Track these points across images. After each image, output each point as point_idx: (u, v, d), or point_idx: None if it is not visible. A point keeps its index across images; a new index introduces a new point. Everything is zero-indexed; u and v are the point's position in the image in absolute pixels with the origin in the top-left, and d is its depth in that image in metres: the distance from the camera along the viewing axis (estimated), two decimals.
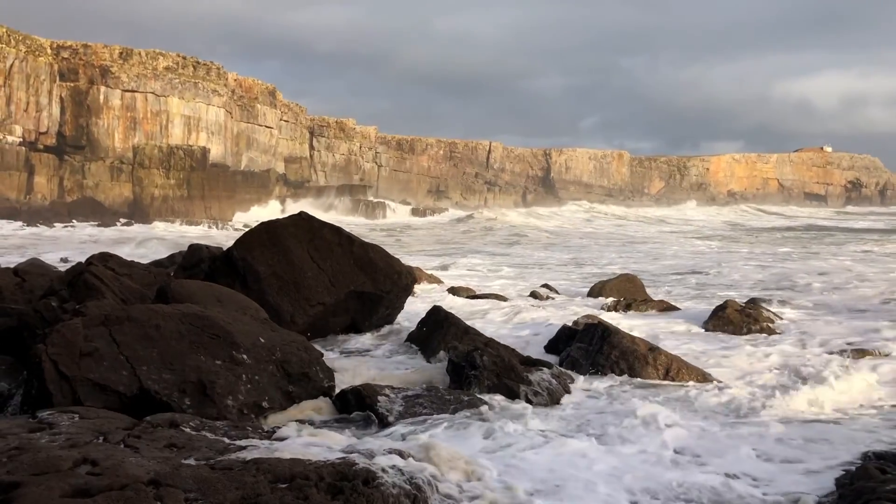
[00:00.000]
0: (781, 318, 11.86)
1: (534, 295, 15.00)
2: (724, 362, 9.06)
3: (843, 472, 5.17)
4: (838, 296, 15.70)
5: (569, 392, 7.65)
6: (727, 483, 5.05)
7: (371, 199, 72.52)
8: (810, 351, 9.65)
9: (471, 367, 7.58)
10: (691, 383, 8.02)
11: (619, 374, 8.29)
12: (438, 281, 16.70)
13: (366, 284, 10.18)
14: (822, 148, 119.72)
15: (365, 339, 10.26)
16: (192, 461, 4.30)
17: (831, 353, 9.38)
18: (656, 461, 5.53)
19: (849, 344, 9.80)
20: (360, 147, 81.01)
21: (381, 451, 4.72)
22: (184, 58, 54.73)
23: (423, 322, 9.72)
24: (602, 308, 13.29)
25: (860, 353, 9.29)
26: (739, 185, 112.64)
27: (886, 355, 9.28)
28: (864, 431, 6.41)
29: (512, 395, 7.29)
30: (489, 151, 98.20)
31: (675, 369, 8.30)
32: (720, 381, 8.13)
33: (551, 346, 9.75)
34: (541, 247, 37.05)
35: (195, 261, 10.97)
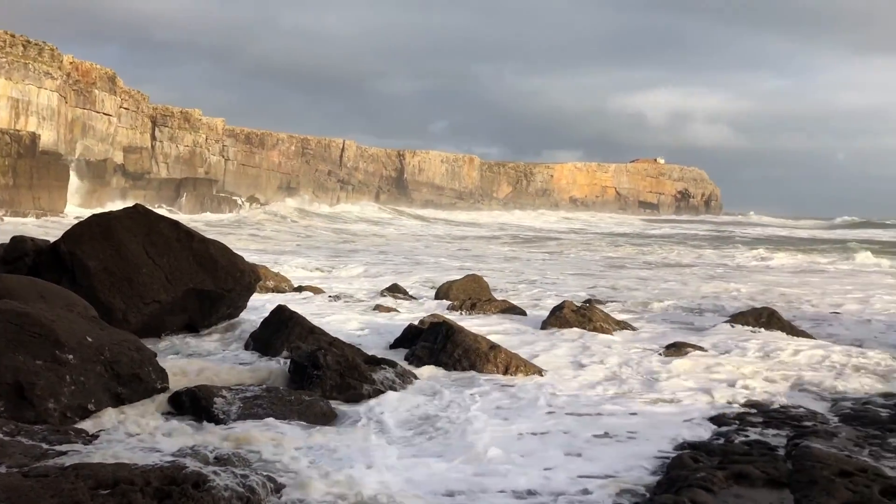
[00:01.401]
0: (615, 318, 12.58)
1: (384, 295, 15.06)
2: (558, 359, 9.50)
3: (661, 462, 5.54)
4: (664, 300, 16.86)
5: (417, 388, 7.77)
6: (546, 476, 5.27)
7: (217, 193, 70.02)
8: (636, 346, 10.34)
9: (314, 367, 7.50)
10: (526, 377, 8.36)
11: (462, 371, 8.50)
12: (285, 280, 16.39)
13: (206, 282, 9.83)
14: (655, 159, 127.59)
15: (204, 339, 9.90)
16: (2, 469, 4.00)
17: (655, 349, 10.06)
18: (476, 460, 5.59)
19: (670, 342, 10.53)
20: (206, 139, 77.84)
21: (214, 454, 4.58)
22: (12, 35, 50.49)
23: (266, 321, 9.50)
24: (448, 308, 13.54)
25: (678, 349, 10.00)
26: (581, 192, 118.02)
27: (702, 349, 10.06)
28: (682, 422, 6.89)
29: (356, 394, 7.30)
30: (343, 150, 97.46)
31: (514, 366, 8.61)
32: (553, 375, 8.54)
33: (397, 345, 9.84)
34: (391, 249, 37.23)
35: (18, 254, 10.16)
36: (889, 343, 12.47)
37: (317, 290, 15.18)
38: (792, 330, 12.36)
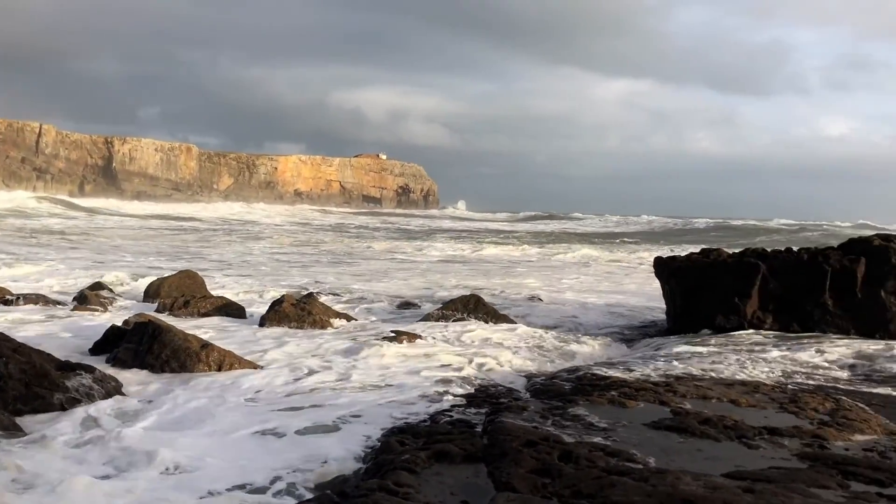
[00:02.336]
0: (335, 310, 12.72)
1: (84, 294, 13.77)
2: (276, 353, 9.40)
3: (371, 448, 5.70)
4: (381, 291, 17.41)
5: (120, 394, 7.22)
6: (246, 469, 5.19)
7: None
8: (354, 336, 10.56)
9: None
10: (242, 373, 8.16)
11: (171, 373, 8.07)
12: None
13: None
14: (378, 155, 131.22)
15: None
16: None
17: (372, 338, 10.34)
18: (160, 466, 5.27)
19: (386, 331, 10.89)
20: None
21: None
22: None
23: None
24: (159, 307, 12.78)
25: (394, 337, 10.38)
26: (306, 185, 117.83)
27: (418, 337, 10.53)
28: (395, 408, 7.13)
29: (45, 404, 6.60)
30: (39, 134, 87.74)
31: (229, 363, 8.36)
32: (270, 370, 8.42)
33: (98, 349, 9.09)
34: (93, 244, 34.28)
35: None
36: (574, 325, 14.02)
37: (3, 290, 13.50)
38: (496, 315, 13.40)
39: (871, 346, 11.51)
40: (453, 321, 12.69)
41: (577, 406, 6.35)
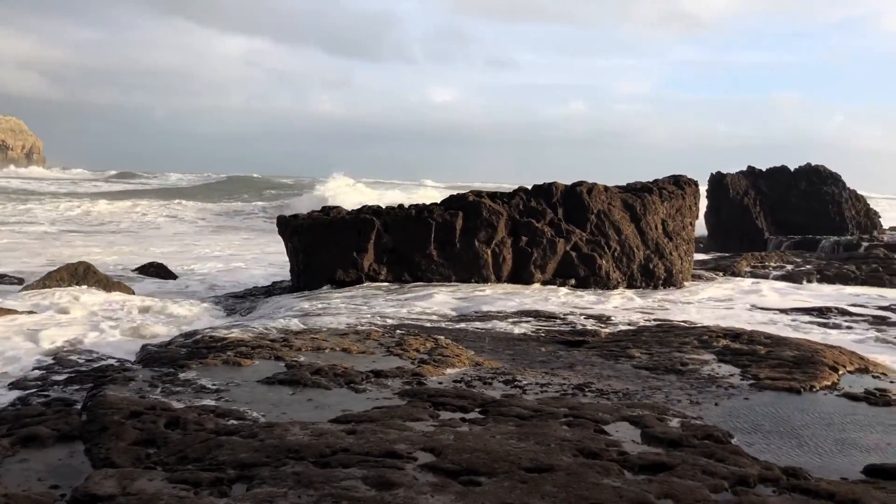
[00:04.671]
0: None
1: None
2: None
3: None
4: None
5: None
6: None
7: None
8: None
9: None
10: None
11: None
12: None
13: None
14: None
15: None
16: None
17: None
18: None
19: None
20: None
21: None
22: None
23: None
24: None
25: None
26: None
27: (16, 312, 9.32)
28: None
29: None
30: None
31: None
32: None
33: None
34: None
35: None
36: (192, 291, 13.60)
37: None
38: (108, 283, 12.41)
39: (468, 289, 12.97)
40: (59, 292, 11.47)
41: (190, 370, 6.15)
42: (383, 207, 14.62)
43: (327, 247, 13.48)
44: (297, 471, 3.77)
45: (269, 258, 18.53)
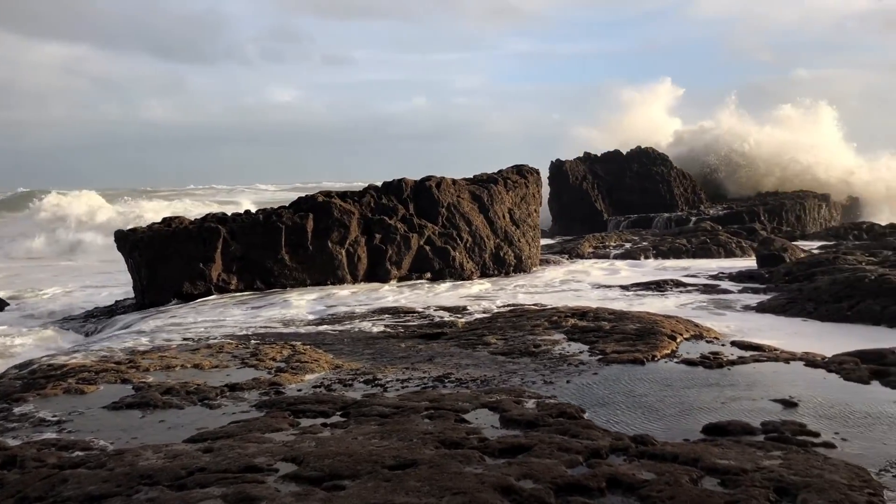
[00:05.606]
0: None
1: None
2: None
3: None
4: None
5: None
6: None
7: None
8: None
9: None
10: None
11: None
12: None
13: None
14: None
15: None
16: None
17: None
18: None
19: None
20: None
21: None
22: None
23: None
24: None
25: None
26: None
27: None
28: None
29: None
30: None
31: None
32: None
33: None
34: None
35: None
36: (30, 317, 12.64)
37: None
38: None
39: (325, 291, 12.84)
40: None
41: (27, 403, 5.70)
42: (228, 215, 14.18)
43: (171, 259, 12.90)
44: (152, 497, 3.60)
45: (112, 277, 17.51)
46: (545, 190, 21.80)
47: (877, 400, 5.24)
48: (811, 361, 6.44)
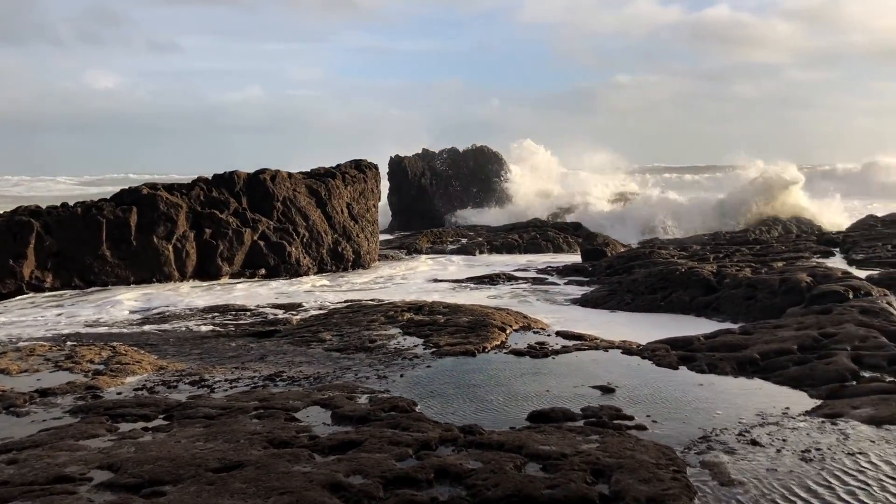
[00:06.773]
0: None
1: None
2: None
3: None
4: None
5: None
6: None
7: None
8: None
9: None
10: None
11: None
12: None
13: None
14: None
15: None
16: None
17: None
18: None
19: None
20: None
21: None
22: None
23: None
24: None
25: None
26: None
27: None
28: None
29: None
30: None
31: None
32: None
33: None
34: None
35: None
36: None
37: None
38: None
39: (150, 289, 12.20)
40: None
41: None
42: (42, 208, 13.14)
43: None
44: None
45: None
46: (384, 185, 21.87)
47: (684, 384, 5.67)
48: (627, 349, 6.87)
